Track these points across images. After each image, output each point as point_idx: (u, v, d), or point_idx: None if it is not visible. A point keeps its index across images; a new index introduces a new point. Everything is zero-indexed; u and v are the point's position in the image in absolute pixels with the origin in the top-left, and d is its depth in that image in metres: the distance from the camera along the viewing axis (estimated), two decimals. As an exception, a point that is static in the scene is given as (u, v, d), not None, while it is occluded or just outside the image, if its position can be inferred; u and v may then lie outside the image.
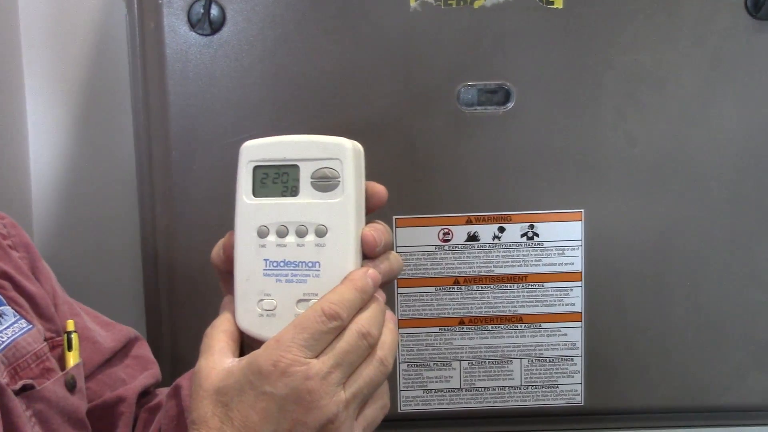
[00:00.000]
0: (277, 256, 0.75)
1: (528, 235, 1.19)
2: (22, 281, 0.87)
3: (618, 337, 1.21)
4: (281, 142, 0.76)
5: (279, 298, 0.75)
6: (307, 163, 0.76)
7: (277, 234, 0.75)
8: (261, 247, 0.75)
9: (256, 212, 0.75)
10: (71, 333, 0.88)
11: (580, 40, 1.16)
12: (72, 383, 0.85)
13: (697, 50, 1.16)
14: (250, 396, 0.69)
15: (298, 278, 0.75)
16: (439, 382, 1.21)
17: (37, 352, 0.83)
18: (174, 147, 1.16)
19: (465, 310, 1.20)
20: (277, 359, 0.69)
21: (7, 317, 0.83)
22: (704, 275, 1.20)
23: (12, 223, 0.92)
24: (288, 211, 0.75)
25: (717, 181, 1.19)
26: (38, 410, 0.80)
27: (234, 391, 0.70)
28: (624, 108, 1.17)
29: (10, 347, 0.81)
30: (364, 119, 1.16)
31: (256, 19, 1.14)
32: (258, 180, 0.76)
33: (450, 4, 1.14)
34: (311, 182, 0.75)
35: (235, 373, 0.71)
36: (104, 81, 1.47)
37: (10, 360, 0.80)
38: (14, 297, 0.86)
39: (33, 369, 0.82)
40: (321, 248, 0.75)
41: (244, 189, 0.76)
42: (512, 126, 1.17)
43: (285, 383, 0.69)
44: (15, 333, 0.82)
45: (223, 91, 1.15)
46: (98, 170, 1.49)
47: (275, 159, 0.76)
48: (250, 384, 0.69)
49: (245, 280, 0.75)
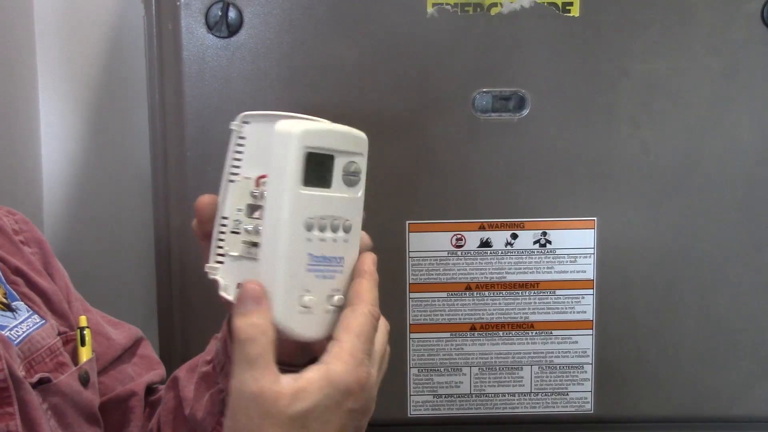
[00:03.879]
0: (318, 251, 0.72)
1: (540, 242, 1.19)
2: (34, 277, 0.88)
3: (628, 346, 1.22)
4: (329, 131, 0.73)
5: (317, 295, 0.72)
6: (341, 156, 0.74)
7: (319, 228, 0.72)
8: (307, 241, 0.71)
9: (307, 204, 0.71)
10: (84, 329, 0.88)
11: (596, 48, 1.16)
12: (85, 378, 0.85)
13: (712, 60, 1.17)
14: (334, 415, 0.68)
15: (329, 274, 0.73)
16: (450, 387, 1.21)
17: (51, 346, 0.84)
18: (189, 148, 1.16)
19: (476, 315, 1.20)
20: (360, 376, 0.68)
21: (21, 312, 0.84)
22: (716, 285, 1.21)
23: (24, 219, 0.93)
24: (329, 204, 0.73)
25: (730, 189, 1.19)
26: (54, 404, 0.80)
27: (315, 413, 0.67)
28: (638, 116, 1.17)
29: (25, 341, 0.81)
30: (379, 124, 1.16)
31: (274, 22, 1.14)
32: (309, 168, 0.71)
33: (467, 11, 1.15)
34: (342, 176, 0.74)
35: (311, 392, 0.67)
36: (120, 82, 1.47)
37: (25, 354, 0.80)
38: (27, 293, 0.86)
39: (48, 363, 0.82)
40: (346, 244, 0.74)
41: (291, 175, 0.70)
42: (526, 133, 1.17)
43: (365, 397, 0.69)
44: (29, 328, 0.83)
45: (239, 94, 1.15)
46: (112, 170, 1.49)
47: (326, 148, 0.72)
48: (336, 404, 0.68)
49: (291, 276, 0.71)
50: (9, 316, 0.82)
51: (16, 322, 0.82)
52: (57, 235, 1.50)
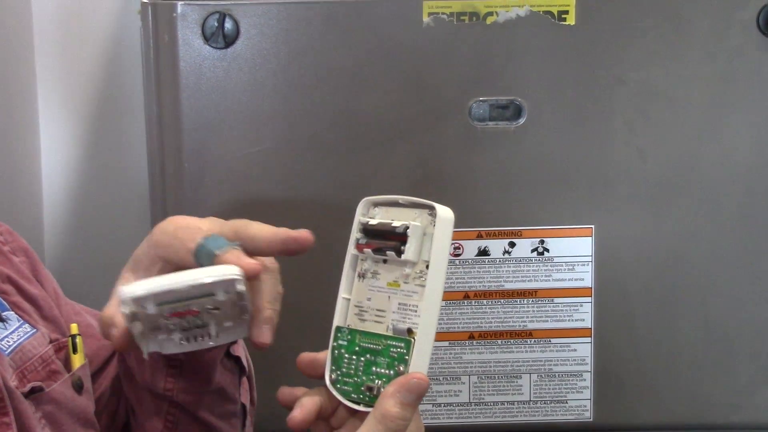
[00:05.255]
0: None
1: (538, 250, 1.19)
2: (24, 284, 0.88)
3: (627, 353, 1.21)
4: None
5: None
6: None
7: None
8: None
9: None
10: (76, 336, 0.88)
11: (592, 56, 1.16)
12: (79, 384, 0.85)
13: (709, 67, 1.17)
14: None
15: None
16: (449, 396, 1.21)
17: (43, 355, 0.84)
18: (186, 160, 1.17)
19: (475, 324, 1.20)
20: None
21: (11, 322, 0.84)
22: (714, 291, 1.20)
23: (8, 230, 0.93)
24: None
25: (727, 196, 1.19)
26: (48, 412, 0.80)
27: None
28: (635, 124, 1.17)
29: (17, 351, 0.82)
30: (376, 133, 1.17)
31: (270, 33, 1.15)
32: None
33: (462, 20, 1.15)
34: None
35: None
36: (117, 93, 1.48)
37: (17, 364, 0.81)
38: (17, 302, 0.86)
39: (40, 372, 0.83)
40: None
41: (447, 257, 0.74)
42: (523, 141, 1.17)
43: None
44: (20, 337, 0.83)
45: (237, 105, 1.16)
46: (110, 182, 1.50)
47: None
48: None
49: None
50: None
51: (6, 333, 0.82)
52: (57, 246, 1.50)
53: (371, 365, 0.73)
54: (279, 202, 1.17)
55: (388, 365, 0.73)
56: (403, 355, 0.72)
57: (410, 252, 0.73)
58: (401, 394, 0.70)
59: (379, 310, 0.75)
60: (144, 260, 0.80)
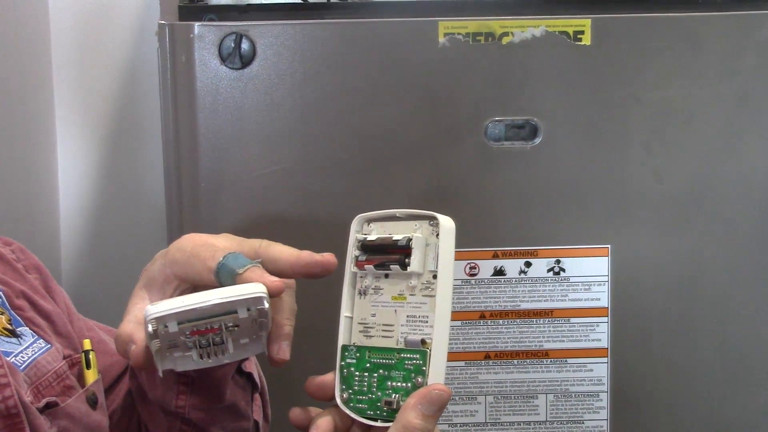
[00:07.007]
0: None
1: (554, 270, 1.19)
2: (38, 300, 0.89)
3: (644, 374, 1.21)
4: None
5: None
6: None
7: None
8: None
9: None
10: (89, 352, 0.89)
11: (608, 76, 1.17)
12: (93, 399, 0.86)
13: (725, 87, 1.17)
14: None
15: None
16: (465, 416, 1.21)
17: (57, 370, 0.85)
18: (203, 179, 1.17)
19: (491, 344, 1.20)
20: None
21: (26, 338, 0.84)
22: (731, 312, 1.20)
23: (21, 247, 0.94)
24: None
25: (744, 217, 1.18)
26: (63, 427, 0.80)
27: None
28: (651, 144, 1.17)
29: (31, 366, 0.82)
30: (392, 153, 1.17)
31: (286, 53, 1.15)
32: None
33: (478, 40, 1.15)
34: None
35: None
36: (135, 114, 1.49)
37: (32, 379, 0.81)
38: (32, 317, 0.87)
39: (55, 387, 0.83)
40: None
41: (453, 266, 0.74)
42: (539, 161, 1.17)
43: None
44: (35, 353, 0.84)
45: (253, 125, 1.16)
46: (127, 201, 1.51)
47: None
48: None
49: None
50: (14, 342, 0.83)
51: (21, 348, 0.83)
52: (74, 266, 1.51)
53: (385, 380, 0.73)
54: (295, 221, 1.17)
55: (404, 378, 0.73)
56: (420, 366, 0.72)
57: (415, 263, 0.73)
58: (423, 405, 0.70)
59: (387, 325, 0.75)
60: (158, 278, 0.80)
